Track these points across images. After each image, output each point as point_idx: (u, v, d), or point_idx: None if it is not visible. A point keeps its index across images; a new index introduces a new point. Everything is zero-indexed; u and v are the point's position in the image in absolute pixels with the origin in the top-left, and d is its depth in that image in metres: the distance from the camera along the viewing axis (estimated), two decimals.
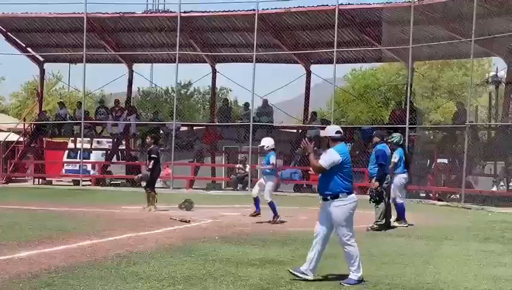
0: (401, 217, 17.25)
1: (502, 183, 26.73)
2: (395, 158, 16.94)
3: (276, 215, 17.94)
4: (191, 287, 9.13)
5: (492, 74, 37.54)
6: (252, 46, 30.54)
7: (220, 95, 51.44)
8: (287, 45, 33.11)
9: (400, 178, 17.14)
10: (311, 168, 15.83)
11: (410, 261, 11.90)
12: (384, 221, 16.67)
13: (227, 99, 40.34)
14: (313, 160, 9.87)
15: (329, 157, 9.69)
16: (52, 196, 25.91)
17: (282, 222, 17.84)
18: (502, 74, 33.84)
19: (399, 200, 17.19)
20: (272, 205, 18.04)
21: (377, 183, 16.34)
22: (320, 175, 9.95)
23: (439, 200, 26.05)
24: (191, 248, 12.82)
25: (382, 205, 16.53)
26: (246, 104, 33.98)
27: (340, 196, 9.72)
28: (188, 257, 11.62)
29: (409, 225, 17.10)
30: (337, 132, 9.94)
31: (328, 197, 9.76)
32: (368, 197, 16.69)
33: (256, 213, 18.85)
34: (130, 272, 10.11)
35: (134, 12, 33.17)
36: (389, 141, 17.20)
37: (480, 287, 9.59)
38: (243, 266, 10.89)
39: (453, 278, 10.18)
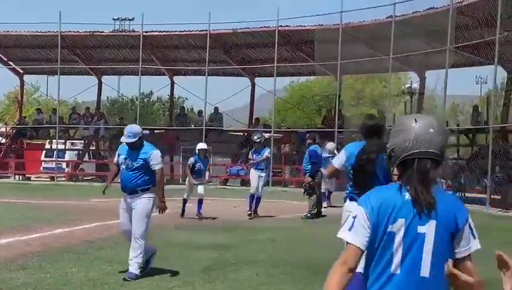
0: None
1: None
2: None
3: (255, 209, 16.59)
4: (148, 269, 9.03)
5: (407, 86, 38.15)
6: (204, 61, 30.50)
7: (177, 104, 51.19)
8: (235, 60, 33.16)
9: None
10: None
11: (340, 245, 11.94)
12: (316, 210, 16.77)
13: (184, 107, 40.18)
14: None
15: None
16: (30, 191, 25.42)
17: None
18: (416, 86, 34.40)
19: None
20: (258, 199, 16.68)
21: (309, 179, 16.47)
22: None
23: None
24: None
25: (314, 197, 16.65)
26: (200, 112, 33.96)
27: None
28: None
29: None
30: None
31: None
32: (303, 190, 16.90)
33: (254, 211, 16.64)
34: (96, 256, 9.97)
35: (102, 31, 32.84)
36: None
37: None
38: (194, 250, 10.84)
39: None
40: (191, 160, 16.15)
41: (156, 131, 35.28)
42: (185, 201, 16.28)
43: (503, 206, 19.28)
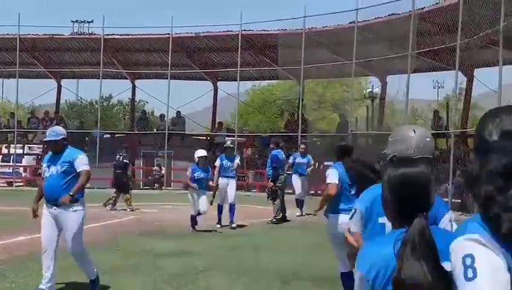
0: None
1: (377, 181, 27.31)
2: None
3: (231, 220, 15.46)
4: (116, 278, 8.93)
5: (369, 90, 38.53)
6: (167, 65, 30.33)
7: (138, 107, 50.78)
8: (197, 64, 33.03)
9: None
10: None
11: (308, 249, 11.99)
12: (281, 215, 16.76)
13: (145, 111, 39.82)
14: None
15: None
16: None
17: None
18: (377, 90, 34.76)
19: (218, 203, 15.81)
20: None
21: (271, 184, 16.47)
22: None
23: None
24: (114, 242, 12.55)
25: (278, 202, 16.63)
26: (162, 116, 33.74)
27: None
28: (112, 250, 11.37)
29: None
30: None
31: None
32: (266, 195, 16.88)
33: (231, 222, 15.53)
34: (62, 265, 9.77)
35: (62, 34, 32.41)
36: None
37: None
38: (162, 257, 10.75)
39: None
40: (190, 169, 14.92)
41: (116, 135, 34.97)
42: (194, 217, 14.79)
43: (463, 210, 19.55)
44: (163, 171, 30.18)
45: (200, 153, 14.91)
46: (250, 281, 8.98)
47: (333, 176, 7.38)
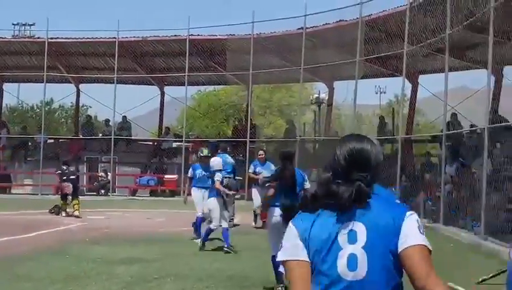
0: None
1: None
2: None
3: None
4: (69, 286, 8.76)
5: (315, 96, 38.85)
6: (113, 69, 29.98)
7: (81, 112, 49.99)
8: (144, 69, 32.72)
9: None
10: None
11: (260, 255, 11.98)
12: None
13: (90, 116, 39.20)
14: None
15: None
16: None
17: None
18: (324, 96, 35.07)
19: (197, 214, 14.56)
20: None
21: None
22: None
23: None
24: (64, 249, 12.32)
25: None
26: (107, 120, 33.28)
27: None
28: (62, 258, 11.16)
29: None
30: None
31: None
32: None
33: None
34: (11, 273, 9.55)
35: (5, 37, 31.58)
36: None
37: None
38: (114, 264, 10.59)
39: None
40: (190, 172, 14.38)
41: (60, 140, 34.39)
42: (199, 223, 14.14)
43: None
44: (109, 177, 29.77)
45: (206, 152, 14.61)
46: (205, 288, 8.93)
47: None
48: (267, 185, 9.25)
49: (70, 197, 19.59)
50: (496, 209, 14.69)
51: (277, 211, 8.69)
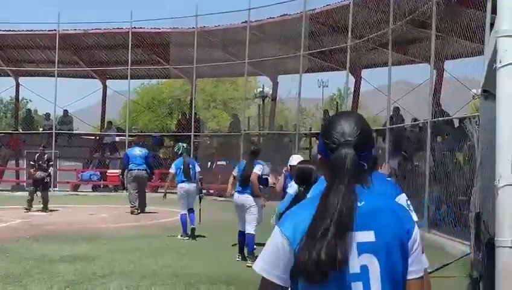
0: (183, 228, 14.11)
1: (269, 181, 27.48)
2: (171, 169, 14.64)
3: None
4: (10, 286, 8.51)
5: (260, 90, 38.90)
6: (53, 62, 29.35)
7: (21, 105, 48.93)
8: (86, 62, 32.12)
9: (178, 188, 14.35)
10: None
11: (203, 251, 11.93)
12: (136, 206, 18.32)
13: (30, 110, 38.30)
14: None
15: None
16: None
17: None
18: (268, 90, 35.14)
19: (180, 210, 14.31)
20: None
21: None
22: None
23: (219, 196, 26.41)
24: (4, 247, 11.97)
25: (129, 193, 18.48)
26: (47, 114, 32.59)
27: None
28: (2, 257, 10.84)
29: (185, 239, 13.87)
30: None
31: None
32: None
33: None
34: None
35: None
36: (175, 151, 15.48)
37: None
38: (56, 263, 10.35)
39: (241, 265, 10.27)
40: (173, 167, 14.32)
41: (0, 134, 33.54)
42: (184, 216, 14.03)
43: None
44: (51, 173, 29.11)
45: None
46: (151, 285, 8.79)
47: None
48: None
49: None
50: (439, 202, 14.97)
51: (236, 195, 11.26)
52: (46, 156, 19.97)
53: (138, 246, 12.30)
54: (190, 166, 14.24)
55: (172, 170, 14.44)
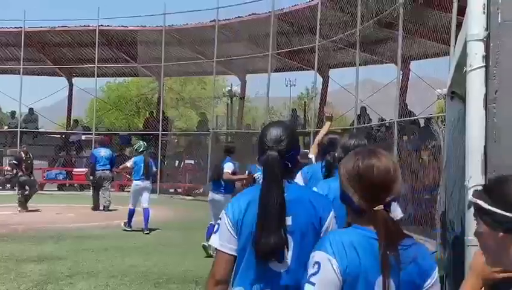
0: (128, 221, 14.69)
1: None
2: (128, 163, 15.27)
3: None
4: None
5: (228, 88, 38.87)
6: (19, 60, 28.96)
7: None
8: (52, 60, 31.78)
9: (133, 185, 14.80)
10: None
11: (172, 250, 11.89)
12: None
13: None
14: None
15: None
16: None
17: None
18: (236, 89, 35.14)
19: (129, 206, 14.73)
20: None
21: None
22: None
23: (187, 195, 26.39)
24: None
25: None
26: (13, 112, 32.15)
27: None
28: None
29: (127, 230, 14.54)
30: None
31: None
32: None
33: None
34: None
35: None
36: (135, 149, 15.55)
37: None
38: (23, 262, 10.23)
39: (210, 264, 10.23)
40: (132, 162, 14.86)
41: None
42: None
43: None
44: (15, 171, 28.73)
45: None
46: (119, 285, 8.75)
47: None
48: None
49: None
50: (405, 200, 15.12)
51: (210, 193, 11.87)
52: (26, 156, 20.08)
53: (106, 246, 12.21)
54: (149, 165, 14.72)
55: (129, 164, 15.13)
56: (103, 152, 19.99)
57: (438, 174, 12.15)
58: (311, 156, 6.53)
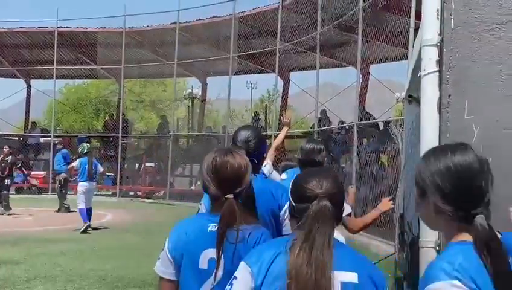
0: (84, 220, 15.03)
1: (198, 183, 27.47)
2: (74, 163, 16.11)
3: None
4: None
5: (189, 91, 38.78)
6: None
7: None
8: (9, 61, 31.27)
9: (79, 186, 15.44)
10: None
11: (131, 254, 11.81)
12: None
13: None
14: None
15: None
16: None
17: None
18: (197, 91, 35.09)
19: (79, 205, 15.15)
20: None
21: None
22: None
23: (147, 198, 26.22)
24: None
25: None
26: None
27: None
28: None
29: (86, 230, 14.83)
30: None
31: None
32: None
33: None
34: None
35: None
36: (79, 151, 16.19)
37: None
38: None
39: None
40: (78, 163, 15.63)
41: None
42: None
43: None
44: None
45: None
46: (77, 289, 8.67)
47: None
48: None
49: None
50: (365, 203, 15.28)
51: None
52: (9, 158, 19.76)
53: (64, 249, 12.07)
54: (93, 166, 15.54)
55: (75, 164, 15.89)
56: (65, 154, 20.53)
57: (397, 177, 12.31)
58: (267, 161, 6.39)
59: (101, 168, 16.46)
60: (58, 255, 11.48)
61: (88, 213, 15.07)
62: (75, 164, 15.90)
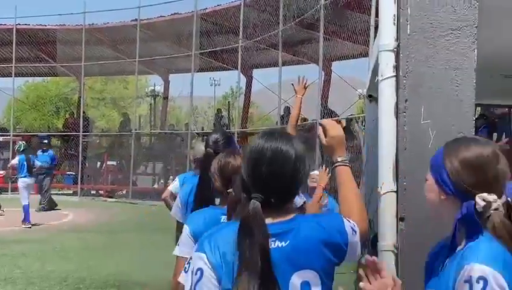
0: (25, 218, 15.76)
1: (161, 181, 27.34)
2: (14, 161, 17.25)
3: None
4: None
5: (151, 88, 38.57)
6: None
7: None
8: None
9: (20, 182, 16.22)
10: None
11: (94, 254, 11.72)
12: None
13: None
14: None
15: None
16: None
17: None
18: (159, 89, 34.91)
19: (23, 202, 15.77)
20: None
21: None
22: None
23: (109, 197, 26.00)
24: None
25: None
26: None
27: None
28: None
29: (31, 226, 15.67)
30: None
31: None
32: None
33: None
34: None
35: None
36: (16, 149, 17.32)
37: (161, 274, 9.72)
38: None
39: (132, 268, 10.14)
40: (17, 161, 16.54)
41: None
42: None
43: None
44: None
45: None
46: None
47: None
48: None
49: None
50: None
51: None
52: None
53: (25, 251, 11.94)
54: (31, 161, 16.39)
55: (14, 161, 16.78)
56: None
57: (359, 174, 12.43)
58: None
59: (38, 163, 17.09)
60: (18, 256, 11.35)
61: (26, 209, 15.75)
62: (14, 161, 16.82)
